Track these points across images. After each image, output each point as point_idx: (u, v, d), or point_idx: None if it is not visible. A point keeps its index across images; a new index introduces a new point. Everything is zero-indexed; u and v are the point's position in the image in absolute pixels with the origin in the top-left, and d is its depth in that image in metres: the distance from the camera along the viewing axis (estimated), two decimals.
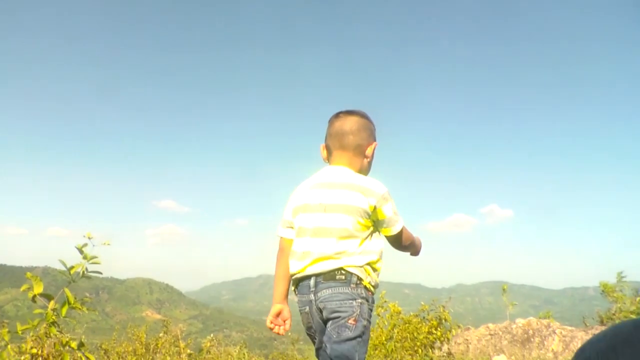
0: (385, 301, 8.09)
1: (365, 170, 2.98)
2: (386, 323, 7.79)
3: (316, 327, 2.81)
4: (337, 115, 3.01)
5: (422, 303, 7.97)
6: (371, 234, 2.80)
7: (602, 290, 9.32)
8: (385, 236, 2.87)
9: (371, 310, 2.80)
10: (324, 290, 2.71)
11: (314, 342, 2.91)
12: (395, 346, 7.37)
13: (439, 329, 7.60)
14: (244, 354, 7.51)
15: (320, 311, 2.74)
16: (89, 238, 4.81)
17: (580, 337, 7.82)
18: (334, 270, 2.70)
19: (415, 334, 7.45)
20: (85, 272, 4.92)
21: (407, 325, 7.61)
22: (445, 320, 7.76)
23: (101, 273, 4.89)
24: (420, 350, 7.48)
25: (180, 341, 7.84)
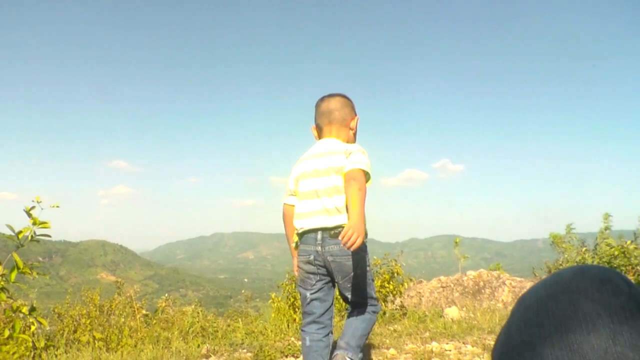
0: None
1: (351, 141, 3.59)
2: None
3: (322, 271, 3.44)
4: (322, 98, 3.66)
5: (375, 257, 8.06)
6: None
7: (552, 242, 9.57)
8: (345, 173, 3.30)
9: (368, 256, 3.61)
10: (332, 246, 3.33)
11: (304, 292, 3.52)
12: None
13: (391, 282, 7.72)
14: (198, 313, 7.51)
15: (328, 262, 3.37)
16: (38, 202, 4.68)
17: (529, 287, 8.02)
18: (336, 227, 3.30)
19: None
20: (34, 236, 4.80)
21: None
22: (398, 274, 7.89)
23: (50, 236, 4.77)
24: None
25: (135, 302, 7.77)
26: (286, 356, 5.75)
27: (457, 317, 7.19)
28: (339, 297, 3.72)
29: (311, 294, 3.49)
